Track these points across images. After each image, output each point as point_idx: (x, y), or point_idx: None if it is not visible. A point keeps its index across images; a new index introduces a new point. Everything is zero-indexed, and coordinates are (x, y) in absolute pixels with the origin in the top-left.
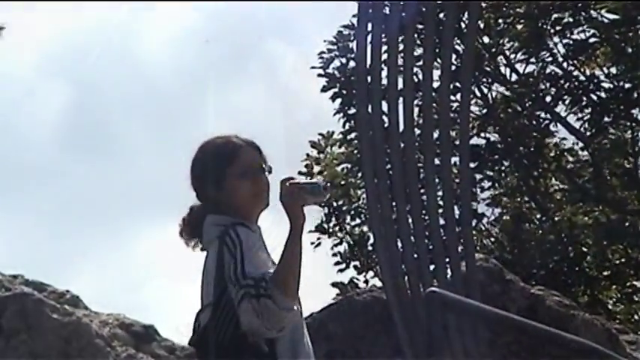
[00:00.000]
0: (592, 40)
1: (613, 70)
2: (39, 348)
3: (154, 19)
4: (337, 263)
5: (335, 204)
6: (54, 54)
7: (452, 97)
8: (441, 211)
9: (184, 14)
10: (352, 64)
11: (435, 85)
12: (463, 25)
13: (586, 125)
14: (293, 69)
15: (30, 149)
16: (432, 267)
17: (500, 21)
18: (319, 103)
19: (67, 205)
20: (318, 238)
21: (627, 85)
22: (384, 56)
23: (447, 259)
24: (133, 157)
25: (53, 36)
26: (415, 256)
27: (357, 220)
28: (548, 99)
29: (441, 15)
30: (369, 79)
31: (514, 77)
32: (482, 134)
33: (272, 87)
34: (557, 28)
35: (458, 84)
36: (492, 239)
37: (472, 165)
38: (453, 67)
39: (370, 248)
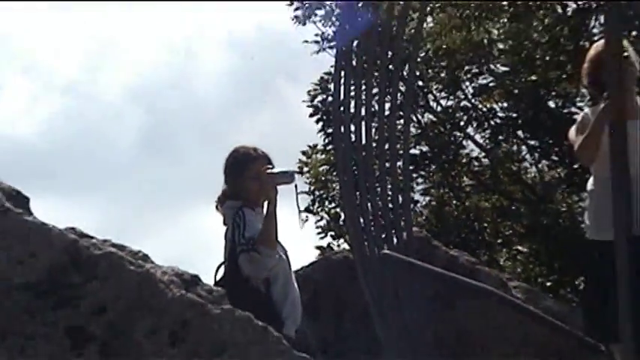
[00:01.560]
0: (491, 84)
1: (505, 104)
2: (121, 289)
3: (203, 61)
4: (319, 233)
5: (317, 193)
6: (134, 85)
7: (397, 122)
8: (389, 198)
9: (224, 55)
10: (330, 99)
11: (386, 113)
12: (405, 74)
13: (487, 141)
14: (297, 102)
15: (115, 153)
16: (383, 236)
17: (429, 71)
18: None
19: (143, 193)
20: (307, 216)
21: (514, 115)
22: (352, 94)
23: (394, 231)
24: (190, 160)
25: (136, 71)
26: (372, 228)
27: (333, 204)
28: (462, 123)
29: (390, 66)
30: (341, 109)
31: (439, 108)
32: (417, 147)
33: (282, 112)
34: (468, 75)
35: (402, 112)
36: (424, 218)
37: (411, 167)
38: (399, 101)
39: (342, 223)
